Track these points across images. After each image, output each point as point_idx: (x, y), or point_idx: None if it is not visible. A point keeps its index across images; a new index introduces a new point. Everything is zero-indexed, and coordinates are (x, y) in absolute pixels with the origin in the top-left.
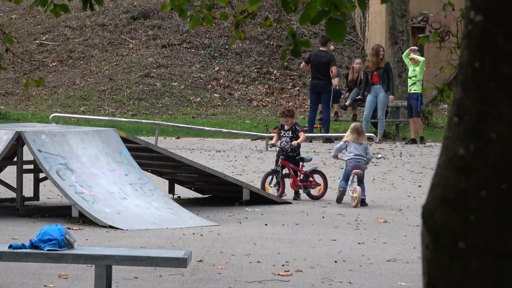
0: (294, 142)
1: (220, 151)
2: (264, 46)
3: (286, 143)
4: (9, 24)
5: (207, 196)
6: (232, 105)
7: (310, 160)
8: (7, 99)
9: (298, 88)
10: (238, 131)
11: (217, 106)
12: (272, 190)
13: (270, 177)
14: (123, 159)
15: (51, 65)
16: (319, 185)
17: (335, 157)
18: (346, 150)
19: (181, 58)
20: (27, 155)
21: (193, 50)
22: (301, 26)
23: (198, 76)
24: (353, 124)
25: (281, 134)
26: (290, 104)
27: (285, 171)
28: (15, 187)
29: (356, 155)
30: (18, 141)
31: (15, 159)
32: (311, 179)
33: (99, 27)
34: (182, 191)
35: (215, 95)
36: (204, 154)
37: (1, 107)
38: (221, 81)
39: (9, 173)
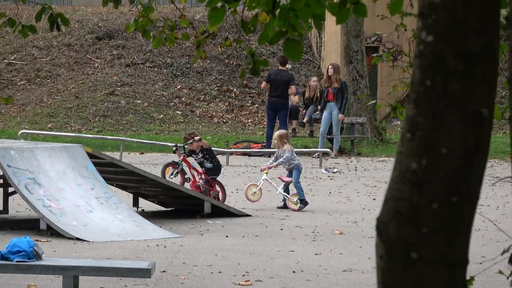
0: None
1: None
2: (224, 65)
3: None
4: None
5: (170, 209)
6: (194, 122)
7: (210, 167)
8: None
9: (257, 105)
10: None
11: (180, 122)
12: (172, 177)
13: (170, 167)
14: (89, 173)
15: (19, 83)
16: (218, 192)
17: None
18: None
19: (144, 76)
20: None
21: (156, 69)
22: (259, 46)
23: (161, 94)
24: (283, 132)
25: (194, 158)
26: (249, 120)
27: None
28: None
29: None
30: None
31: None
32: (212, 186)
33: (66, 47)
34: (146, 204)
35: (177, 112)
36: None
37: None
38: (183, 98)
39: None
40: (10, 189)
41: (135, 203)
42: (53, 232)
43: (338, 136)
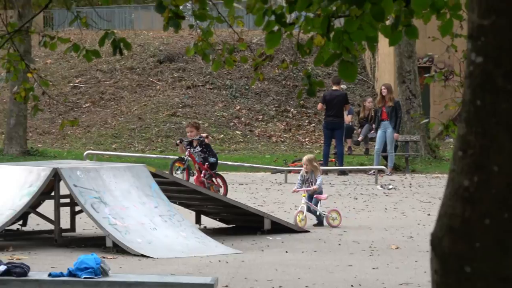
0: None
1: (242, 184)
2: (282, 86)
3: (198, 156)
4: (45, 69)
5: (231, 226)
6: (253, 141)
7: (214, 161)
8: (44, 138)
9: (313, 124)
10: (259, 165)
11: (239, 142)
12: (180, 176)
13: (177, 164)
14: (152, 192)
15: (84, 106)
16: (221, 187)
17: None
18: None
19: (204, 98)
20: (63, 190)
21: (216, 91)
22: (315, 67)
23: (221, 114)
24: (311, 156)
25: (191, 152)
26: (306, 139)
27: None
28: (53, 219)
29: None
30: (55, 177)
31: (52, 193)
32: (214, 179)
33: (128, 70)
34: (208, 222)
35: (237, 132)
36: (227, 187)
37: (39, 145)
38: (242, 119)
39: (47, 207)
40: (77, 208)
41: (198, 221)
42: (118, 249)
43: (392, 153)
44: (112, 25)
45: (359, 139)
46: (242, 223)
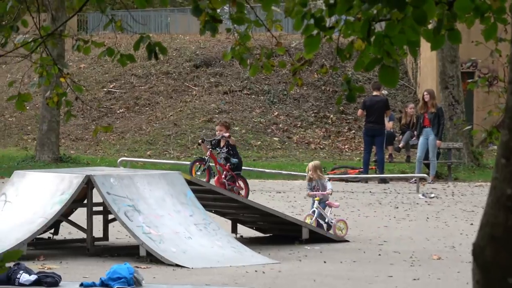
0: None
1: (280, 192)
2: (321, 91)
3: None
4: (78, 73)
5: (268, 235)
6: (291, 148)
7: (236, 162)
8: (77, 145)
9: (353, 131)
10: (297, 173)
11: (277, 149)
12: (198, 175)
13: (198, 164)
14: (188, 200)
15: (118, 111)
16: (242, 189)
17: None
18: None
19: (242, 103)
20: (96, 198)
21: (253, 96)
22: (355, 72)
23: (258, 120)
24: (317, 163)
25: (217, 152)
26: (346, 146)
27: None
28: (86, 228)
29: None
30: (88, 184)
31: (85, 201)
32: (236, 181)
33: (164, 75)
34: (244, 231)
35: (274, 138)
36: (265, 195)
37: (72, 152)
38: (280, 125)
39: (80, 215)
40: (110, 216)
41: (234, 229)
42: (152, 258)
43: (434, 161)
44: (148, 28)
45: (400, 146)
46: (280, 232)
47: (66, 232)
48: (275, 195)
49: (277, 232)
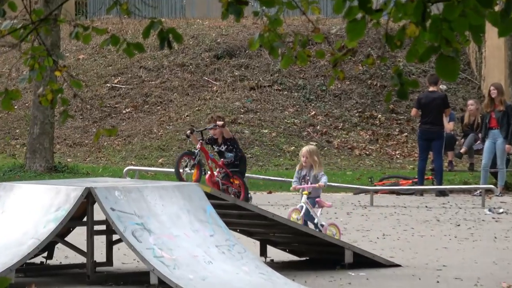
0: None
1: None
2: (367, 86)
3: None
4: (76, 66)
5: (304, 259)
6: (331, 154)
7: (230, 157)
8: (75, 151)
9: (406, 134)
10: (338, 184)
11: None
12: (187, 172)
13: (186, 158)
14: (207, 217)
15: (124, 111)
16: (238, 188)
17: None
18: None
19: (272, 101)
20: (98, 214)
21: (286, 93)
22: (408, 63)
23: (292, 121)
24: (313, 148)
25: (215, 149)
26: (397, 152)
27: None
28: (85, 250)
29: None
30: (88, 199)
31: (84, 219)
32: (231, 180)
33: (179, 68)
34: (276, 253)
35: (311, 143)
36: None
37: (69, 159)
38: (318, 127)
39: (78, 235)
40: (115, 237)
41: (263, 252)
42: (165, 287)
43: (503, 170)
44: (160, 12)
45: (462, 151)
46: (318, 256)
47: (62, 255)
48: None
49: (314, 255)
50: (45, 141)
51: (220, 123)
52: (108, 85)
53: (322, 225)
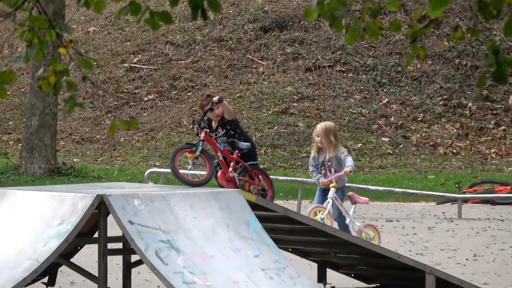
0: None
1: (391, 220)
2: (454, 67)
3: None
4: (86, 41)
5: (374, 285)
6: (408, 153)
7: (247, 147)
8: (83, 149)
9: (503, 127)
10: (417, 191)
11: (387, 154)
12: (188, 172)
13: (185, 153)
14: (251, 233)
15: (146, 98)
16: (264, 187)
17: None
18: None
19: (333, 86)
20: (113, 229)
21: (351, 75)
22: (506, 38)
23: (358, 111)
24: (330, 125)
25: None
26: (492, 150)
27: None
28: (96, 275)
29: None
30: (100, 209)
31: (95, 234)
32: (251, 176)
33: (215, 44)
34: (338, 279)
35: (383, 139)
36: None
37: (76, 160)
38: (392, 118)
39: (88, 255)
40: (134, 258)
41: (322, 277)
42: None
43: None
44: None
45: None
46: (391, 282)
47: (67, 281)
48: (384, 224)
49: (387, 281)
50: (45, 136)
51: (216, 98)
52: (126, 65)
53: (358, 227)
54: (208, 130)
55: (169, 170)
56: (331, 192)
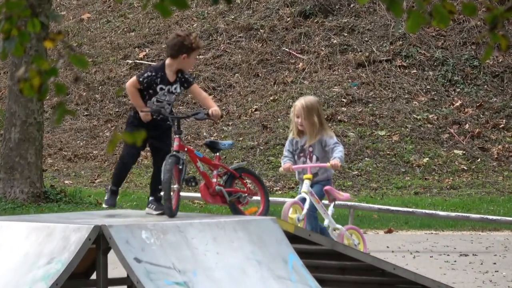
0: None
1: (466, 254)
2: None
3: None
4: (79, 31)
5: None
6: (488, 169)
7: (229, 146)
8: (77, 167)
9: None
10: (498, 217)
11: (460, 171)
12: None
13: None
14: (290, 272)
15: None
16: (255, 194)
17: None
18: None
19: (391, 85)
20: (115, 269)
21: (415, 71)
22: None
23: (424, 117)
24: (311, 100)
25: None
26: None
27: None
28: None
29: None
30: (99, 244)
31: (93, 276)
32: (241, 181)
33: (242, 33)
34: None
35: (455, 152)
36: (438, 259)
37: (67, 181)
38: (467, 125)
39: None
40: None
41: None
42: None
43: None
44: None
45: None
46: None
47: None
48: (457, 259)
49: None
50: (28, 152)
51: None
52: (130, 61)
53: (339, 230)
54: (165, 98)
55: (186, 194)
56: (305, 186)
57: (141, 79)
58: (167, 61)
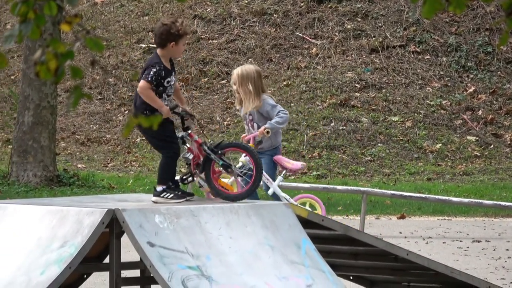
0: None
1: (479, 241)
2: None
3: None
4: (93, 15)
5: None
6: (501, 156)
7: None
8: (90, 151)
9: None
10: (511, 204)
11: (473, 157)
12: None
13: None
14: (303, 257)
15: None
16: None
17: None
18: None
19: (404, 71)
20: (128, 253)
21: (428, 57)
22: None
23: (438, 103)
24: (248, 68)
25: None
26: None
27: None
28: None
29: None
30: (112, 228)
31: (106, 259)
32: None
33: (255, 17)
34: None
35: (468, 138)
36: (450, 245)
37: (80, 165)
38: (480, 112)
39: (97, 285)
40: None
41: None
42: None
43: None
44: None
45: None
46: None
47: None
48: (469, 245)
49: None
50: (42, 135)
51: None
52: (143, 45)
53: (285, 200)
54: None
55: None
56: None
57: (150, 79)
58: (159, 52)
